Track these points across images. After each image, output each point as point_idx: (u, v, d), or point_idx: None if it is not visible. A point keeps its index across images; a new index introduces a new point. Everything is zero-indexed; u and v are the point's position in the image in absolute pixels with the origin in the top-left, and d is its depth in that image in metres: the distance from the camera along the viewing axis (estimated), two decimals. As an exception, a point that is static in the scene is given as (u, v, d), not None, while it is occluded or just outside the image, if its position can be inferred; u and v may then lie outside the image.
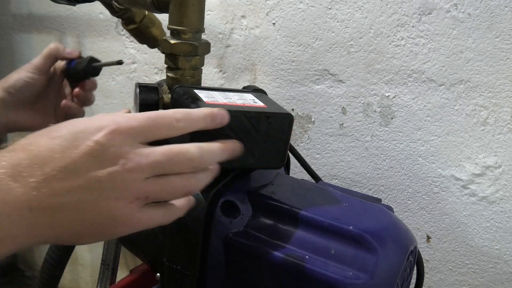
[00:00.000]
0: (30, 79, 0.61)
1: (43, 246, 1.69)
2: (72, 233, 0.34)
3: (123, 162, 0.33)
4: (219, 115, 0.39)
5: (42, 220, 0.32)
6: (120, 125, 0.34)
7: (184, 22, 0.54)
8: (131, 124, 0.34)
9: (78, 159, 0.32)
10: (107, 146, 0.33)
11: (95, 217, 0.33)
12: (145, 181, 0.34)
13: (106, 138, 0.33)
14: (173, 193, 0.37)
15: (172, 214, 0.39)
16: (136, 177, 0.34)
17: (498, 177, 0.68)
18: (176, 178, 0.36)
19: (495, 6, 0.63)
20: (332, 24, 0.77)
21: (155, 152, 0.35)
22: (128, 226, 0.35)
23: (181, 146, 0.36)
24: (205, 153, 0.37)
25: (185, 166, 0.36)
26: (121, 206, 0.34)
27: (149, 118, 0.35)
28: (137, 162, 0.34)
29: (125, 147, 0.34)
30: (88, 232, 0.34)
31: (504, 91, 0.65)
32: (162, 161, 0.35)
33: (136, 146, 0.34)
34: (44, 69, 0.62)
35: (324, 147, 0.83)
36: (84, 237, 0.34)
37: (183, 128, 0.37)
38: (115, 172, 0.33)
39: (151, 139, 0.35)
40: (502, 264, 0.71)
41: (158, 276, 0.52)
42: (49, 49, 0.63)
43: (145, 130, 0.35)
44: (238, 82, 0.91)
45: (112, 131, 0.33)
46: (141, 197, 0.35)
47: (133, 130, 0.34)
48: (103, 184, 0.33)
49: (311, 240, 0.44)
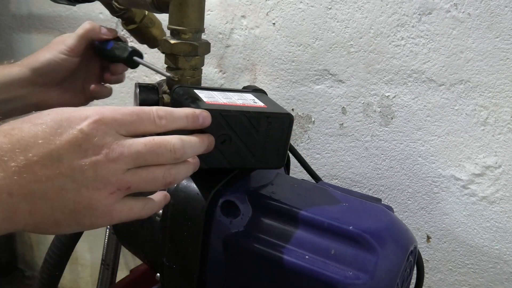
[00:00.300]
0: (62, 61, 0.59)
1: (43, 246, 1.69)
2: (52, 221, 0.33)
3: (106, 152, 0.34)
4: (201, 116, 0.40)
5: (22, 206, 0.32)
6: (104, 116, 0.34)
7: (184, 22, 0.54)
8: (115, 116, 0.35)
9: (61, 146, 0.33)
10: (91, 135, 0.33)
11: (75, 206, 0.33)
12: (127, 172, 0.35)
13: (90, 128, 0.33)
14: (154, 184, 0.37)
15: (151, 208, 0.39)
16: (118, 168, 0.34)
17: (498, 177, 0.68)
18: (157, 169, 0.37)
19: (495, 6, 0.63)
20: (332, 24, 0.77)
21: (137, 142, 0.35)
22: (108, 217, 0.35)
23: (163, 137, 0.37)
24: (186, 145, 0.38)
25: (167, 157, 0.37)
26: (102, 196, 0.34)
27: (133, 113, 0.36)
28: (120, 152, 0.34)
29: (108, 138, 0.34)
30: (67, 221, 0.34)
31: (504, 91, 0.65)
32: (144, 152, 0.35)
33: (118, 137, 0.35)
34: (78, 51, 0.60)
35: (324, 147, 0.83)
36: (63, 226, 0.34)
37: (165, 125, 0.37)
38: (98, 161, 0.33)
39: (134, 133, 0.36)
40: (502, 264, 0.71)
41: (158, 276, 0.52)
42: (84, 30, 0.59)
43: (128, 123, 0.35)
44: (238, 82, 0.91)
45: (96, 121, 0.34)
46: (122, 187, 0.35)
47: (117, 122, 0.35)
48: (85, 173, 0.33)
49: (311, 240, 0.44)
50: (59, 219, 0.33)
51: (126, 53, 0.58)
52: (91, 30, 0.59)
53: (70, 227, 0.34)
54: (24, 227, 0.33)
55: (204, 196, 0.46)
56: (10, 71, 0.59)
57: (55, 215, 0.33)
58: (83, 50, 0.60)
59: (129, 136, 0.36)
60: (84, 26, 0.60)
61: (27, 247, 1.70)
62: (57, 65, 0.59)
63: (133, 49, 0.59)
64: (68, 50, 0.59)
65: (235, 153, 0.46)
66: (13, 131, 0.32)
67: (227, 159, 0.45)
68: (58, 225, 0.34)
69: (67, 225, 0.34)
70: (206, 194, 0.46)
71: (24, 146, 0.32)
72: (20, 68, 0.59)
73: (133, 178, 0.35)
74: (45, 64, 0.59)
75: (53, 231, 0.34)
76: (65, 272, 0.78)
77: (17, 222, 0.32)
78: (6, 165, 0.31)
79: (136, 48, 0.60)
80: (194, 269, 0.47)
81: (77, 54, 0.60)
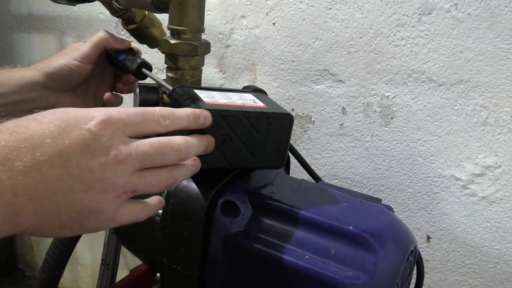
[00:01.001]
0: (75, 67, 0.59)
1: (43, 246, 1.69)
2: (56, 223, 0.32)
3: (115, 154, 0.33)
4: (202, 116, 0.40)
5: (27, 207, 0.30)
6: (111, 116, 0.34)
7: (184, 22, 0.54)
8: (122, 117, 0.34)
9: (70, 146, 0.32)
10: (99, 136, 0.33)
11: (82, 208, 0.32)
12: (133, 174, 0.34)
13: (98, 128, 0.33)
14: (158, 186, 0.37)
15: (149, 211, 0.39)
16: (125, 169, 0.34)
17: (498, 177, 0.68)
18: (161, 171, 0.36)
19: (495, 6, 0.63)
20: (332, 24, 0.77)
21: (143, 143, 0.35)
22: (111, 221, 0.35)
23: (168, 138, 0.37)
24: (190, 145, 0.38)
25: (173, 157, 0.36)
26: (108, 199, 0.33)
27: (138, 113, 0.36)
28: (128, 153, 0.34)
29: (116, 139, 0.34)
30: (72, 224, 0.33)
31: (504, 91, 0.65)
32: (150, 153, 0.35)
33: (125, 138, 0.34)
34: (92, 59, 0.60)
35: (324, 147, 0.83)
36: (66, 229, 0.33)
37: (169, 125, 0.37)
38: (107, 163, 0.33)
39: (139, 133, 0.36)
40: (502, 264, 0.71)
41: (158, 276, 0.52)
42: (99, 38, 0.60)
43: (135, 123, 0.35)
44: (238, 82, 0.91)
45: (103, 121, 0.33)
46: (128, 190, 0.34)
47: (124, 122, 0.34)
48: (94, 174, 0.32)
49: (311, 240, 0.44)
50: (63, 222, 0.33)
51: (135, 65, 0.59)
52: (105, 38, 0.60)
53: (73, 230, 0.34)
54: (26, 229, 0.32)
55: (204, 196, 0.46)
56: (23, 74, 0.59)
57: (60, 217, 0.32)
58: (96, 58, 0.61)
59: (134, 137, 0.35)
60: (99, 34, 0.60)
61: (27, 247, 1.70)
62: (70, 71, 0.59)
63: (142, 61, 0.59)
64: (81, 57, 0.59)
65: (235, 153, 0.46)
66: (19, 129, 0.31)
67: (227, 159, 0.45)
68: (62, 227, 0.33)
69: (71, 228, 0.33)
70: (206, 194, 0.46)
71: (31, 145, 0.31)
72: (33, 72, 0.59)
73: (139, 181, 0.35)
74: (58, 69, 0.59)
75: (55, 233, 0.33)
76: (65, 272, 0.78)
77: (20, 224, 0.31)
78: (12, 164, 0.30)
79: (146, 61, 0.60)
80: (194, 269, 0.47)
81: (90, 61, 0.60)
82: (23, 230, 0.31)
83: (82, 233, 0.35)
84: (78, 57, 0.59)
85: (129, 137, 0.35)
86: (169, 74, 0.57)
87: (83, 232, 0.35)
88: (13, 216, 0.30)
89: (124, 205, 0.35)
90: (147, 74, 0.59)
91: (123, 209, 0.35)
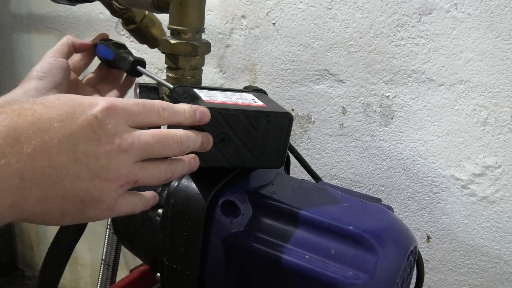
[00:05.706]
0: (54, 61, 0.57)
1: (43, 246, 1.69)
2: (58, 211, 0.32)
3: (119, 142, 0.33)
4: (198, 112, 0.40)
5: (33, 192, 0.29)
6: (115, 104, 0.34)
7: (184, 22, 0.54)
8: (124, 106, 0.34)
9: (78, 131, 0.31)
10: (104, 123, 0.32)
11: (85, 196, 0.32)
12: (135, 165, 0.34)
13: (103, 115, 0.32)
14: (157, 179, 0.37)
15: (144, 204, 0.39)
16: (129, 159, 0.34)
17: (498, 177, 0.68)
18: (161, 163, 0.36)
19: (495, 6, 0.63)
20: (332, 24, 0.77)
21: (146, 133, 0.35)
22: (111, 211, 0.34)
23: (169, 129, 0.37)
24: (190, 137, 0.38)
25: (174, 148, 0.37)
26: (111, 189, 0.33)
27: (139, 103, 0.36)
28: (131, 142, 0.33)
29: (120, 127, 0.33)
30: (73, 212, 0.32)
31: (504, 91, 0.65)
32: (152, 143, 0.35)
33: (128, 128, 0.34)
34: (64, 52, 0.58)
35: (324, 147, 0.83)
36: (67, 218, 0.32)
37: (167, 117, 0.37)
38: (112, 151, 0.32)
39: (140, 124, 0.35)
40: (502, 264, 0.71)
41: (158, 276, 0.52)
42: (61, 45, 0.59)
43: (136, 113, 0.35)
44: (238, 82, 0.91)
45: (107, 108, 0.33)
46: (131, 181, 0.34)
47: (126, 112, 0.34)
48: (100, 162, 0.32)
49: (311, 240, 0.44)
50: (66, 209, 0.32)
51: (128, 65, 0.59)
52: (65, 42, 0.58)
53: (73, 218, 0.33)
54: (29, 216, 0.31)
55: (204, 196, 0.46)
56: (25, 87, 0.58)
57: (64, 204, 0.31)
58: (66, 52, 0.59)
59: (135, 127, 0.35)
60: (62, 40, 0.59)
61: (27, 247, 1.70)
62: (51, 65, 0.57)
63: (134, 59, 0.59)
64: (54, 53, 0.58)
65: (234, 152, 0.46)
66: (26, 111, 0.30)
67: (226, 158, 0.45)
68: (63, 215, 0.32)
69: (72, 216, 0.33)
70: (206, 194, 0.46)
71: (40, 129, 0.30)
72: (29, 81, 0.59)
73: (141, 172, 0.35)
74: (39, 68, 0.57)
75: (56, 222, 0.32)
76: (65, 272, 0.77)
77: (25, 210, 0.30)
78: (21, 147, 0.28)
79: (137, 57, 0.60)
80: (194, 269, 0.47)
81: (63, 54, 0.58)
82: (26, 216, 0.31)
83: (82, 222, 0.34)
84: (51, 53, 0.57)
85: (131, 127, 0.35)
86: (169, 74, 0.57)
87: (82, 221, 0.34)
88: (19, 201, 0.29)
89: (124, 195, 0.35)
90: (142, 72, 0.59)
91: (122, 200, 0.35)
